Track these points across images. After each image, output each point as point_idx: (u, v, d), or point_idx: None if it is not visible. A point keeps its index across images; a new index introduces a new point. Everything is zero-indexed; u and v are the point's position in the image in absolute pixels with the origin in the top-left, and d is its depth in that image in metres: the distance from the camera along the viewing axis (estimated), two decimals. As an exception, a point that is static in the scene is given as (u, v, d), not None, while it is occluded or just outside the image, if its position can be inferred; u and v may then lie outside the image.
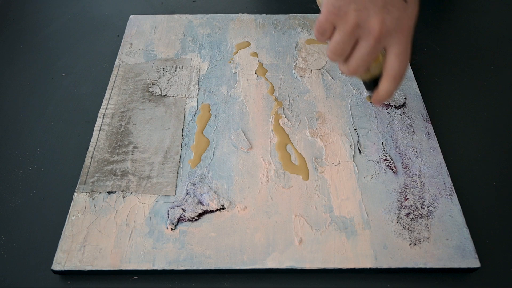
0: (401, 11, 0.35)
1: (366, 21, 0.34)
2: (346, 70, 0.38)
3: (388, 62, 0.37)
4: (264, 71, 0.52)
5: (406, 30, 0.35)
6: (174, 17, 0.59)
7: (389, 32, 0.35)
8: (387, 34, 0.35)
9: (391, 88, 0.38)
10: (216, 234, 0.38)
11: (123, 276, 0.37)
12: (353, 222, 0.39)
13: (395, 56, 0.36)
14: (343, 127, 0.46)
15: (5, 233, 0.39)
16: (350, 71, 0.38)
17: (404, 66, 0.37)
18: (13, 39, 0.58)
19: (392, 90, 0.38)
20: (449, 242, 0.37)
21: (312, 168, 0.43)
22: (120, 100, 0.49)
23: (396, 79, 0.37)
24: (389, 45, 0.36)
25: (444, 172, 0.42)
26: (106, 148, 0.44)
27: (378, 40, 0.35)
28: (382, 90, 0.38)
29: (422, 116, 0.47)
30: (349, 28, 0.35)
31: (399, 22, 0.35)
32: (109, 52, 0.56)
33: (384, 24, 0.34)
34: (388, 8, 0.34)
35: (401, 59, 0.36)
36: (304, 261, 0.36)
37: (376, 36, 0.34)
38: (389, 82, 0.38)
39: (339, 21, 0.35)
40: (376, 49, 0.36)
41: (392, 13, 0.34)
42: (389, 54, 0.36)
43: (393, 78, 0.37)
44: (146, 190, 0.41)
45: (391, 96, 0.39)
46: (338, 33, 0.36)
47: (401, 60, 0.36)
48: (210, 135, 0.46)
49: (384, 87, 0.38)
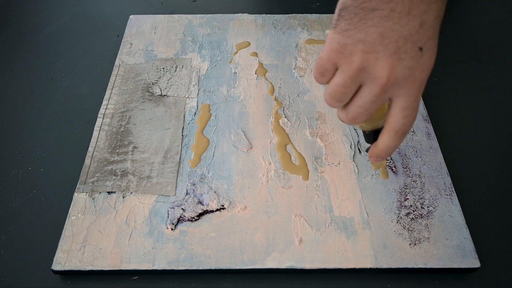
0: (414, 60, 0.30)
1: (373, 66, 0.30)
2: (344, 117, 0.33)
3: (392, 115, 0.32)
4: (264, 71, 0.52)
5: (417, 82, 0.31)
6: (174, 17, 0.59)
7: (398, 82, 0.30)
8: (395, 84, 0.30)
9: (391, 144, 0.33)
10: (216, 234, 0.38)
11: (123, 276, 0.37)
12: (353, 222, 0.39)
13: (400, 110, 0.31)
14: (343, 127, 0.46)
15: (5, 233, 0.39)
16: (348, 119, 0.33)
17: (410, 122, 0.32)
18: (13, 39, 0.58)
19: (393, 147, 0.33)
20: (449, 242, 0.37)
21: (312, 168, 0.43)
22: (120, 100, 0.49)
23: (398, 135, 0.32)
24: (396, 97, 0.31)
25: (444, 172, 0.42)
26: (106, 148, 0.44)
27: (385, 89, 0.30)
28: (381, 144, 0.33)
29: (422, 116, 0.47)
30: (353, 71, 0.30)
31: (411, 72, 0.30)
32: (109, 52, 0.56)
33: (394, 72, 0.30)
34: (401, 54, 0.29)
35: (407, 114, 0.31)
36: (304, 261, 0.36)
37: (382, 84, 0.30)
38: (390, 137, 0.33)
39: (342, 61, 0.31)
40: (381, 99, 0.31)
41: (404, 61, 0.30)
42: (394, 107, 0.31)
43: (395, 133, 0.32)
44: (146, 190, 0.41)
45: (390, 154, 0.34)
46: (339, 75, 0.31)
47: (406, 115, 0.31)
48: (210, 135, 0.46)
49: (383, 142, 0.33)
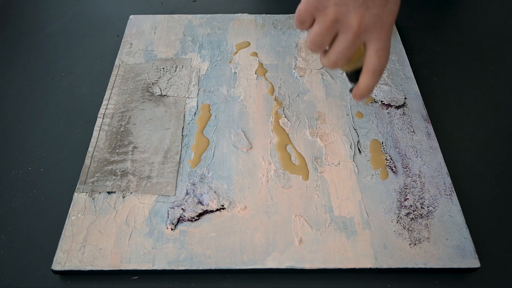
0: (381, 8, 0.34)
1: (345, 17, 0.34)
2: (326, 62, 0.38)
3: (367, 57, 0.37)
4: (264, 71, 0.52)
5: (386, 27, 0.35)
6: (174, 17, 0.59)
7: (368, 28, 0.35)
8: (366, 30, 0.35)
9: (370, 83, 0.38)
10: (216, 234, 0.38)
11: (123, 276, 0.37)
12: (353, 222, 0.39)
13: (374, 52, 0.36)
14: (343, 127, 0.46)
15: (5, 233, 0.39)
16: (330, 63, 0.38)
17: (383, 62, 0.37)
18: (13, 39, 0.58)
19: (372, 85, 0.38)
20: (449, 242, 0.37)
21: (312, 168, 0.43)
22: (120, 100, 0.49)
23: (375, 74, 0.37)
24: (369, 41, 0.36)
25: (444, 172, 0.42)
26: (106, 148, 0.44)
27: (357, 36, 0.35)
28: (361, 84, 0.38)
29: (422, 116, 0.47)
30: (328, 22, 0.35)
31: (379, 19, 0.35)
32: (109, 52, 0.56)
33: (363, 20, 0.34)
34: (368, 4, 0.34)
35: (380, 55, 0.36)
36: (304, 261, 0.36)
37: (354, 32, 0.34)
38: (368, 77, 0.37)
39: (318, 14, 0.35)
40: (355, 44, 0.35)
41: (371, 10, 0.34)
42: (368, 50, 0.36)
43: (372, 73, 0.37)
44: (146, 190, 0.41)
45: (370, 91, 0.39)
46: (317, 25, 0.36)
47: (380, 56, 0.36)
48: (210, 135, 0.46)
49: (363, 82, 0.38)
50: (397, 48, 0.55)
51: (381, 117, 0.47)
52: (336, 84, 0.50)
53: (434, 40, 0.58)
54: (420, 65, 0.54)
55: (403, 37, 0.57)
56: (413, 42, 0.57)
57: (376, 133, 0.46)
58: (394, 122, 0.47)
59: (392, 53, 0.54)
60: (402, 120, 0.47)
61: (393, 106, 0.48)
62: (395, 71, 0.52)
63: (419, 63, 0.54)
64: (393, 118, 0.47)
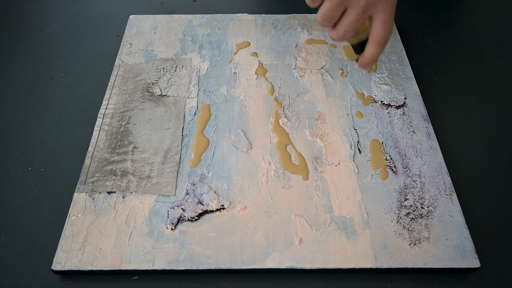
0: None
1: None
2: (335, 35, 0.41)
3: (374, 28, 0.40)
4: (264, 71, 0.52)
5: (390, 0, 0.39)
6: (174, 17, 0.59)
7: (375, 2, 0.38)
8: (373, 4, 0.38)
9: (375, 52, 0.42)
10: (216, 234, 0.38)
11: (123, 276, 0.37)
12: (353, 222, 0.39)
13: (380, 24, 0.40)
14: (343, 127, 0.46)
15: (5, 233, 0.39)
16: (339, 36, 0.41)
17: (388, 32, 0.41)
18: (13, 39, 0.58)
19: (377, 55, 0.42)
20: (449, 242, 0.37)
21: (312, 168, 0.43)
22: (120, 100, 0.49)
23: (380, 44, 0.41)
24: (375, 14, 0.39)
25: (444, 172, 0.42)
26: (106, 148, 0.44)
27: (365, 9, 0.38)
28: (367, 54, 0.42)
29: (422, 116, 0.47)
30: None
31: None
32: (109, 52, 0.56)
33: None
34: None
35: (386, 26, 0.40)
36: (304, 261, 0.36)
37: (363, 6, 0.38)
38: (374, 47, 0.41)
39: None
40: (363, 17, 0.39)
41: None
42: (375, 22, 0.40)
43: (378, 43, 0.41)
44: (146, 190, 0.41)
45: (375, 60, 0.43)
46: (328, 1, 0.39)
47: (385, 27, 0.40)
48: (210, 135, 0.46)
49: (369, 52, 0.42)
50: (397, 48, 0.55)
51: (381, 117, 0.47)
52: (336, 84, 0.50)
53: (434, 40, 0.58)
54: (420, 65, 0.54)
55: (403, 37, 0.57)
56: (413, 42, 0.57)
57: (376, 133, 0.46)
58: (394, 122, 0.47)
59: (392, 53, 0.54)
60: (402, 120, 0.47)
61: (393, 106, 0.48)
62: (395, 71, 0.52)
63: (419, 63, 0.54)
64: (393, 118, 0.47)
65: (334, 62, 0.53)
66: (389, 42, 0.55)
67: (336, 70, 0.52)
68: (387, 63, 0.53)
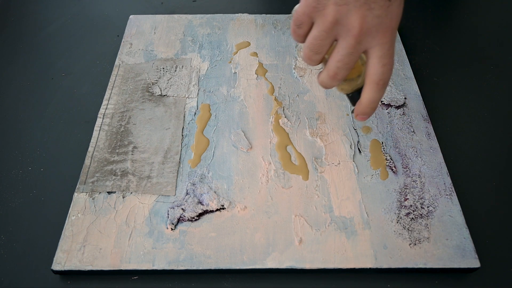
0: (383, 9, 0.32)
1: (345, 17, 0.32)
2: (325, 76, 0.35)
3: (370, 66, 0.33)
4: (264, 71, 0.52)
5: (389, 31, 0.33)
6: (174, 17, 0.59)
7: (370, 31, 0.32)
8: (368, 33, 0.32)
9: (374, 96, 0.34)
10: (216, 234, 0.38)
11: (123, 276, 0.37)
12: (353, 222, 0.39)
13: (377, 60, 0.33)
14: (343, 127, 0.46)
15: (5, 233, 0.39)
16: (330, 76, 0.35)
17: (388, 71, 0.34)
18: (13, 39, 0.58)
19: (376, 99, 0.35)
20: (449, 242, 0.37)
21: (312, 168, 0.43)
22: (120, 100, 0.49)
23: (379, 86, 0.34)
24: (371, 47, 0.33)
25: (444, 172, 0.42)
26: (106, 148, 0.44)
27: (358, 39, 0.32)
28: (364, 99, 0.35)
29: (422, 116, 0.47)
30: (328, 24, 0.32)
31: (382, 22, 0.32)
32: (109, 52, 0.56)
33: (365, 21, 0.32)
34: (370, 5, 0.32)
35: (384, 62, 0.33)
36: (304, 261, 0.36)
37: (356, 34, 0.32)
38: (372, 89, 0.34)
39: (317, 14, 0.33)
40: (357, 50, 0.33)
41: (373, 11, 0.32)
42: (371, 58, 0.33)
43: (376, 84, 0.34)
44: (146, 190, 0.41)
45: (375, 107, 0.35)
46: (316, 28, 0.33)
47: (384, 64, 0.33)
48: (210, 135, 0.46)
49: (366, 96, 0.34)
50: (397, 48, 0.55)
51: (381, 117, 0.47)
52: (336, 84, 0.50)
53: (434, 40, 0.58)
54: (420, 65, 0.54)
55: (403, 37, 0.57)
56: (413, 42, 0.57)
57: (376, 133, 0.46)
58: (394, 122, 0.47)
59: (392, 53, 0.54)
60: (402, 120, 0.47)
61: (393, 106, 0.48)
62: (395, 71, 0.52)
63: (419, 63, 0.54)
64: (393, 118, 0.47)
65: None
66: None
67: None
68: (387, 63, 0.53)
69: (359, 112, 0.36)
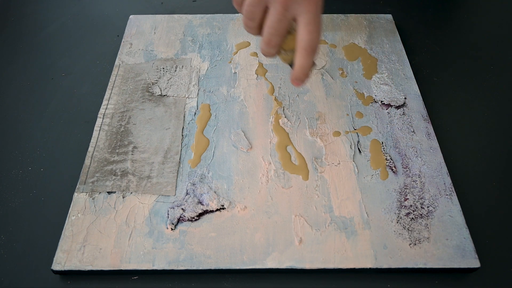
0: None
1: None
2: (262, 45, 0.38)
3: (298, 34, 0.36)
4: (264, 71, 0.52)
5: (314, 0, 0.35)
6: (174, 17, 0.59)
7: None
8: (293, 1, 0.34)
9: (304, 62, 0.36)
10: (216, 234, 0.38)
11: (123, 276, 0.37)
12: (353, 222, 0.39)
13: (304, 26, 0.35)
14: (343, 127, 0.46)
15: (5, 233, 0.39)
16: (264, 43, 0.37)
17: (315, 37, 0.35)
18: (13, 39, 0.58)
19: (306, 65, 0.36)
20: (449, 242, 0.37)
21: (312, 168, 0.43)
22: (120, 100, 0.49)
23: (307, 52, 0.36)
24: (298, 14, 0.35)
25: (444, 172, 0.42)
26: (106, 148, 0.44)
27: (286, 6, 0.34)
28: (296, 65, 0.37)
29: (422, 116, 0.47)
30: None
31: None
32: (109, 52, 0.56)
33: None
34: None
35: (310, 29, 0.35)
36: (304, 261, 0.36)
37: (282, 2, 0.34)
38: (301, 55, 0.36)
39: None
40: (285, 17, 0.35)
41: None
42: (299, 26, 0.35)
43: (305, 50, 0.36)
44: (146, 190, 0.41)
45: (307, 73, 0.37)
46: None
47: (310, 31, 0.35)
48: (210, 135, 0.46)
49: (297, 62, 0.36)
50: (397, 48, 0.55)
51: (381, 117, 0.47)
52: (336, 84, 0.50)
53: (434, 40, 0.58)
54: (420, 65, 0.54)
55: (403, 37, 0.57)
56: (413, 42, 0.57)
57: (376, 133, 0.46)
58: (394, 122, 0.47)
59: (392, 53, 0.54)
60: (402, 120, 0.47)
61: (393, 106, 0.48)
62: (395, 71, 0.52)
63: (419, 63, 0.54)
64: (393, 118, 0.47)
65: (334, 62, 0.53)
66: (389, 42, 0.55)
67: (336, 70, 0.52)
68: (387, 63, 0.53)
69: (294, 77, 0.38)
